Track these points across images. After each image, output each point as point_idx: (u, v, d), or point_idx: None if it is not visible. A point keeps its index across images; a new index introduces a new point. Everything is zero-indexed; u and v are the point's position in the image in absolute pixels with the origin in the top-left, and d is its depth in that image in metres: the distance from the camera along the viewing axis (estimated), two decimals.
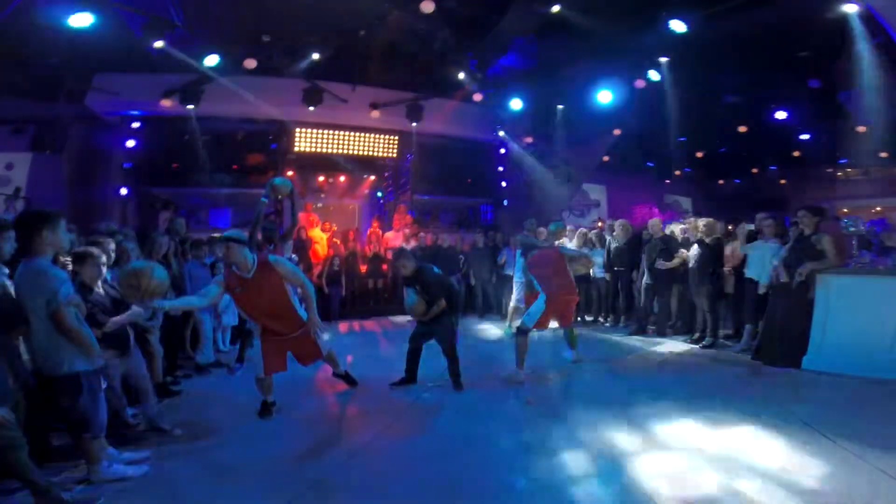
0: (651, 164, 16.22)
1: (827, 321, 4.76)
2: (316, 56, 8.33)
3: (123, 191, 9.78)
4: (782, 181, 18.55)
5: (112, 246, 4.01)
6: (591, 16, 7.43)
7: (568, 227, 7.76)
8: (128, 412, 3.62)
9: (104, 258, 3.60)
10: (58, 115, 9.59)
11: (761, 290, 5.31)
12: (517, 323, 5.63)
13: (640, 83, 9.08)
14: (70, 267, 3.37)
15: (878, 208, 15.91)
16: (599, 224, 10.97)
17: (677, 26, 7.21)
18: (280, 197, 5.38)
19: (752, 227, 6.31)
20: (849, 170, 17.18)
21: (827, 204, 12.77)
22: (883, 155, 14.98)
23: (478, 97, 9.81)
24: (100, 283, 3.48)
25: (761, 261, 5.35)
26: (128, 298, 3.22)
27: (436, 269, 4.67)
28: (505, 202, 12.46)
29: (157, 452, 3.33)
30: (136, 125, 9.81)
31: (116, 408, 3.42)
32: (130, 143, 9.83)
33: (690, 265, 5.99)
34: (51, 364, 2.74)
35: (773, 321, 5.05)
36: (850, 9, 6.60)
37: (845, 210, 16.68)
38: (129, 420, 3.57)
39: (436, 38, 8.22)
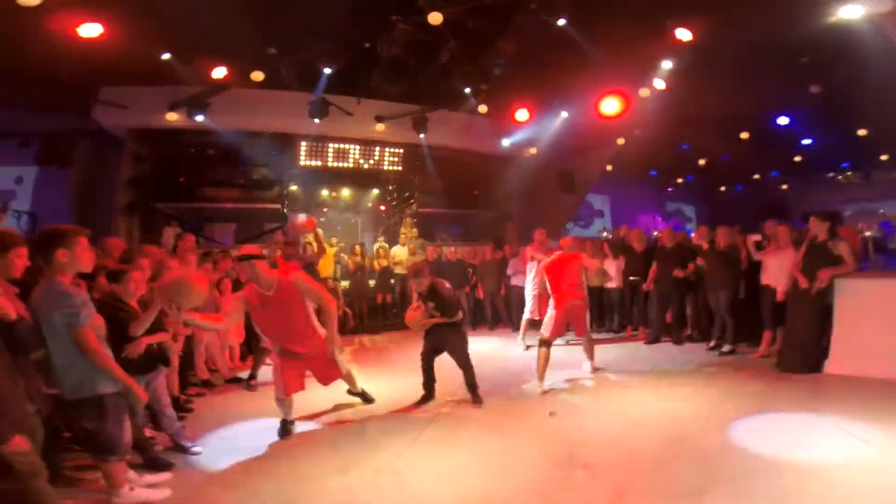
0: (654, 173, 16.28)
1: (848, 325, 4.73)
2: (324, 70, 8.35)
3: (128, 205, 9.75)
4: (784, 186, 18.63)
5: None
6: (597, 25, 7.48)
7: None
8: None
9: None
10: (64, 129, 9.60)
11: (779, 297, 5.26)
12: (531, 336, 5.59)
13: (644, 92, 9.12)
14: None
15: (882, 211, 15.97)
16: (605, 234, 10.97)
17: (683, 34, 7.24)
18: (304, 233, 5.45)
19: (757, 237, 6.27)
20: (849, 174, 17.29)
21: (829, 208, 12.83)
22: (883, 158, 15.11)
23: (483, 109, 9.84)
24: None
25: (778, 267, 5.31)
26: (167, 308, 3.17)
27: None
28: (511, 214, 12.45)
29: (177, 474, 3.26)
30: (141, 139, 9.82)
31: (137, 429, 3.35)
32: (136, 157, 9.82)
33: (707, 272, 5.96)
34: (73, 386, 2.67)
35: (793, 328, 5.00)
36: (854, 13, 6.63)
37: (848, 213, 16.73)
38: (148, 441, 3.48)
39: (442, 50, 8.24)
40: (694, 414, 3.99)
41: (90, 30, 6.53)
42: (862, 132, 12.27)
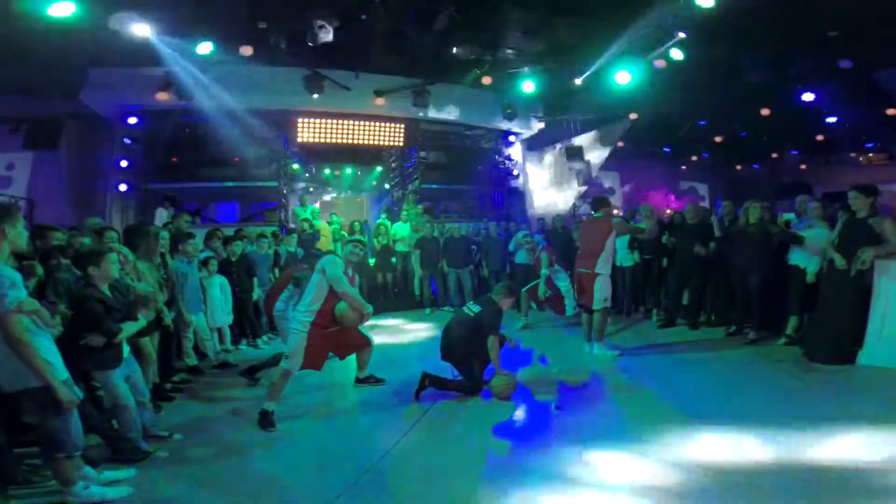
0: (667, 150, 15.62)
1: (887, 312, 4.27)
2: (317, 40, 7.83)
3: (123, 187, 9.46)
4: (803, 166, 17.86)
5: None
6: None
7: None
8: (114, 424, 3.24)
9: (116, 256, 3.23)
10: (52, 112, 9.32)
11: (810, 279, 4.82)
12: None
13: (660, 63, 8.52)
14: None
15: None
16: (616, 212, 10.47)
17: (704, 1, 6.64)
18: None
19: (790, 215, 5.86)
20: (871, 155, 16.47)
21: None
22: None
23: (487, 81, 9.31)
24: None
25: (809, 247, 4.84)
26: None
27: None
28: (515, 190, 11.98)
29: (143, 471, 2.95)
30: (133, 120, 9.46)
31: (97, 421, 3.06)
32: (128, 139, 9.50)
33: (734, 252, 5.49)
34: (10, 377, 2.36)
35: (824, 313, 4.56)
36: None
37: None
38: (114, 434, 3.17)
39: (442, 18, 7.67)
40: (717, 409, 3.60)
41: (61, 9, 6.13)
42: (892, 111, 11.54)
